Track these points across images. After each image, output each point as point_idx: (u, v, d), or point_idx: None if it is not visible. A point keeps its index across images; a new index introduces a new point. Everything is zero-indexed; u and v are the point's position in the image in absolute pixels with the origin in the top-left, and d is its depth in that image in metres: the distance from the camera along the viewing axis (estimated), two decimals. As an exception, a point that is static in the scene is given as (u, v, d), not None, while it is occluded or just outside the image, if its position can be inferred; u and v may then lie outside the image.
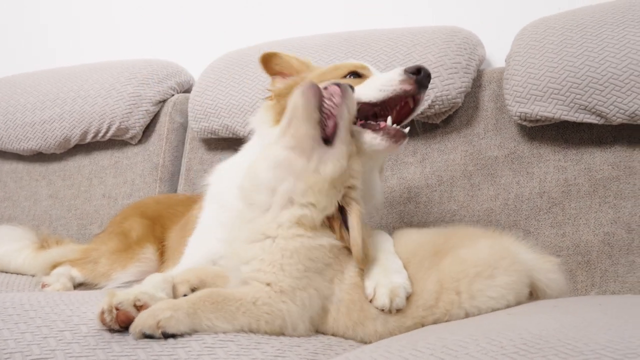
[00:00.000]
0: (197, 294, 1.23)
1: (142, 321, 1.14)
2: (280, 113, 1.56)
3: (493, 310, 1.31)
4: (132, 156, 2.52)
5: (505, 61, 2.00)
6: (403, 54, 2.05)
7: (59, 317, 1.21)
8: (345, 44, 2.18)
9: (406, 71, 1.48)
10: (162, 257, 2.01)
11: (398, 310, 1.28)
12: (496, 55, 2.25)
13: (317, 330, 1.31)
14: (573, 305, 1.27)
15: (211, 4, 2.81)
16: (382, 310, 1.28)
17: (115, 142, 2.55)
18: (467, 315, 1.30)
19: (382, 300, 1.27)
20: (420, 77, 1.47)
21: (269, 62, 1.71)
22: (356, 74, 1.57)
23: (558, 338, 0.93)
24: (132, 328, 1.14)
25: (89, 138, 2.53)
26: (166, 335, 1.14)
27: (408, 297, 1.30)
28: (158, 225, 2.09)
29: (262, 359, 1.13)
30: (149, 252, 2.01)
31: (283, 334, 1.24)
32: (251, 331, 1.22)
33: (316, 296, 1.26)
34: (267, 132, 1.59)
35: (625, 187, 1.80)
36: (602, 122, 1.80)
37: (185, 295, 1.32)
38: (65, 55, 3.07)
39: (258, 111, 1.70)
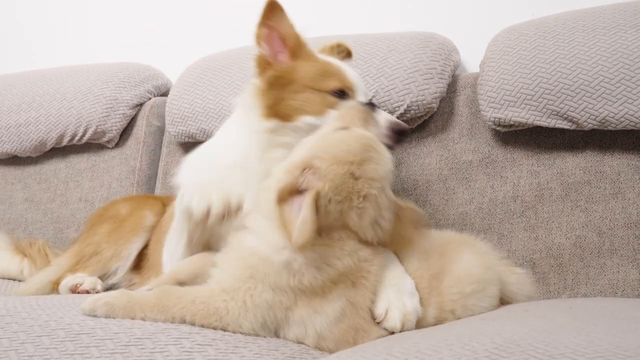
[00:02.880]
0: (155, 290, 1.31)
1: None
2: (271, 106, 1.54)
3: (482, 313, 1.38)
4: (108, 160, 2.51)
5: (480, 67, 2.03)
6: (379, 59, 2.07)
7: (36, 322, 1.20)
8: (322, 49, 2.19)
9: (392, 129, 1.52)
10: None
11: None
12: (471, 60, 2.28)
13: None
14: (544, 309, 1.30)
15: (188, 7, 2.81)
16: (392, 332, 1.28)
17: (91, 146, 2.54)
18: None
19: (394, 322, 1.28)
20: (402, 138, 1.52)
21: (270, 14, 1.59)
22: (342, 93, 1.56)
23: (529, 342, 0.95)
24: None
25: (65, 141, 2.52)
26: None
27: None
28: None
29: (239, 363, 1.14)
30: (149, 220, 1.93)
31: (225, 329, 1.25)
32: (184, 322, 1.25)
33: (264, 306, 1.25)
34: (254, 121, 1.56)
35: (596, 191, 1.84)
36: (573, 127, 1.84)
37: None
38: (41, 57, 3.05)
39: (245, 92, 1.64)
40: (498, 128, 1.94)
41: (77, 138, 2.50)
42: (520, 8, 2.25)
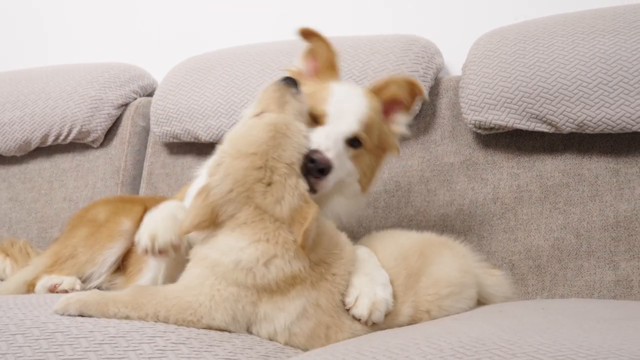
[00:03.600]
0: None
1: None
2: None
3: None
4: (93, 159, 2.51)
5: (462, 70, 2.05)
6: (362, 61, 2.09)
7: (11, 321, 1.21)
8: (306, 51, 2.20)
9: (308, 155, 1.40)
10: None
11: (373, 324, 1.30)
12: (454, 63, 2.29)
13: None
14: (517, 310, 1.32)
15: (176, 7, 2.81)
16: (359, 320, 1.29)
17: (76, 145, 2.54)
18: None
19: (361, 310, 1.29)
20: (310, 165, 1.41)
21: (309, 37, 1.65)
22: (315, 121, 1.50)
23: (494, 341, 0.97)
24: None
25: (50, 141, 2.52)
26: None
27: (388, 316, 1.32)
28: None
29: (213, 361, 1.15)
30: (126, 226, 1.91)
31: (200, 322, 1.27)
32: (158, 319, 1.27)
33: (232, 299, 1.27)
34: None
35: (575, 194, 1.86)
36: (552, 130, 1.86)
37: None
38: (27, 57, 3.05)
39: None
40: (479, 131, 1.96)
41: (61, 138, 2.50)
42: (503, 12, 2.27)
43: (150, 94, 2.63)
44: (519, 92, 1.86)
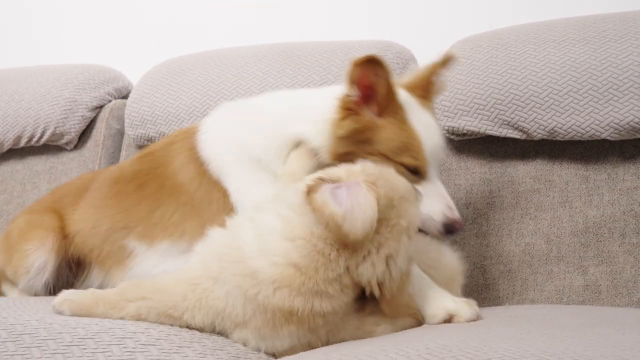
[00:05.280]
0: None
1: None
2: (340, 155, 1.43)
3: None
4: (67, 162, 2.50)
5: (435, 76, 2.06)
6: (338, 67, 2.10)
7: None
8: (281, 56, 2.21)
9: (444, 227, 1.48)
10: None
11: None
12: (429, 69, 2.31)
13: None
14: (485, 317, 1.34)
15: (152, 10, 2.81)
16: None
17: (50, 147, 2.52)
18: None
19: None
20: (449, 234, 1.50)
21: (371, 65, 1.40)
22: (416, 172, 1.47)
23: (460, 348, 0.98)
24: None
25: (22, 142, 2.50)
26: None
27: None
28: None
29: (181, 363, 1.16)
30: (34, 257, 1.76)
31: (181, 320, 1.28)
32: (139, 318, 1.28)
33: (215, 310, 1.26)
34: (322, 153, 1.47)
35: (545, 200, 1.88)
36: (524, 137, 1.88)
37: None
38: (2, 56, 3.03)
39: (322, 125, 1.47)
40: (452, 136, 1.98)
41: (35, 139, 2.48)
42: (478, 19, 2.30)
43: (125, 97, 2.62)
44: (491, 98, 1.88)
